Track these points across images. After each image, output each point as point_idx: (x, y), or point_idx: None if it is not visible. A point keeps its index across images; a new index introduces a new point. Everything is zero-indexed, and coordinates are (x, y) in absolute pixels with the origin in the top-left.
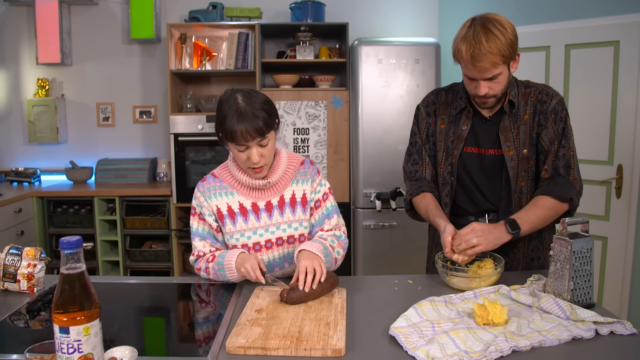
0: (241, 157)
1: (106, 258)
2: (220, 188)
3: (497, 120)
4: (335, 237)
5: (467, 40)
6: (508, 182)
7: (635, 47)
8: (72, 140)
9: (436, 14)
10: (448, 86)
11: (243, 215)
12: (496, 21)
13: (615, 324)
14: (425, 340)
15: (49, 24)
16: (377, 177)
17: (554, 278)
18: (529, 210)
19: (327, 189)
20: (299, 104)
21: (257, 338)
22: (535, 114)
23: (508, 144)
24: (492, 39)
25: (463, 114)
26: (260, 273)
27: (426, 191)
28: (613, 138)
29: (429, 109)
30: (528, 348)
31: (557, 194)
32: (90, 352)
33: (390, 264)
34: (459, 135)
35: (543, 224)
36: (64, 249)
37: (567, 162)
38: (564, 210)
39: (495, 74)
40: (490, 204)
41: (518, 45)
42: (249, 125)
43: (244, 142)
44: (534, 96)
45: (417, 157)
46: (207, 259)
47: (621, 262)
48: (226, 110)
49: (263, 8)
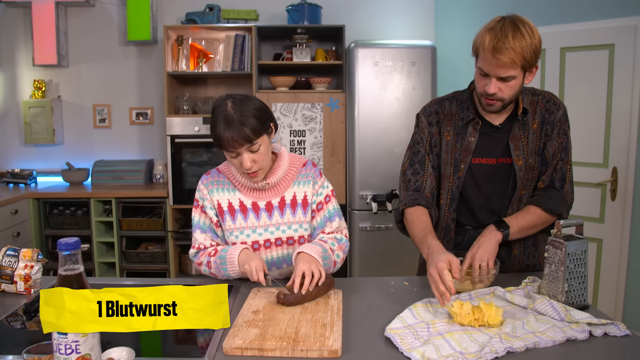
0: (234, 163)
1: (102, 259)
2: (223, 183)
3: (507, 129)
4: (336, 239)
5: (494, 31)
6: (513, 192)
7: (630, 50)
8: (69, 142)
9: (432, 16)
10: (451, 95)
11: (243, 212)
12: (527, 23)
13: (609, 325)
14: (421, 341)
15: (46, 25)
16: (373, 179)
17: (549, 280)
18: (518, 215)
19: (330, 191)
20: (295, 106)
21: (253, 339)
22: (544, 124)
23: (518, 153)
24: (518, 37)
25: (470, 125)
26: (263, 276)
27: (422, 205)
28: (608, 141)
29: (431, 119)
30: (523, 349)
31: (548, 207)
32: (87, 353)
33: (386, 265)
34: (466, 147)
35: (531, 230)
36: (62, 251)
37: (563, 175)
38: (553, 221)
39: (510, 74)
40: (491, 215)
41: (540, 56)
42: (234, 133)
43: (232, 149)
44: (542, 105)
45: (418, 167)
46: (208, 253)
47: (616, 264)
48: (216, 117)
49: (260, 10)
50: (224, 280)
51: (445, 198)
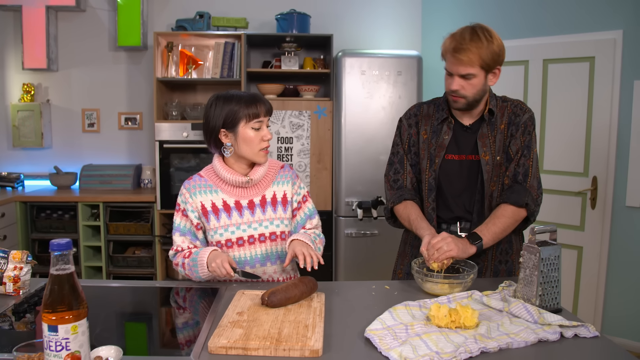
0: (255, 139)
1: (89, 263)
2: (205, 186)
3: (477, 128)
4: (316, 234)
5: (455, 35)
6: (483, 186)
7: (609, 63)
8: (57, 146)
9: (419, 26)
10: (430, 100)
11: (226, 211)
12: (486, 30)
13: (580, 327)
14: (399, 342)
15: (36, 29)
16: (359, 186)
17: (524, 284)
18: (489, 222)
19: (306, 192)
20: (283, 113)
21: (238, 339)
22: (510, 125)
23: (485, 150)
24: (475, 40)
25: (444, 124)
26: (230, 268)
27: (408, 199)
28: (588, 150)
29: (410, 121)
30: (496, 349)
31: (513, 200)
32: (77, 350)
33: (371, 271)
34: (440, 143)
35: (504, 233)
36: (54, 251)
37: (525, 170)
38: (523, 216)
39: (469, 72)
40: (465, 209)
41: (501, 61)
42: (264, 103)
43: (263, 117)
44: (509, 109)
45: (398, 166)
46: (184, 255)
47: (595, 271)
48: (235, 101)
49: (249, 18)
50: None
51: (424, 189)
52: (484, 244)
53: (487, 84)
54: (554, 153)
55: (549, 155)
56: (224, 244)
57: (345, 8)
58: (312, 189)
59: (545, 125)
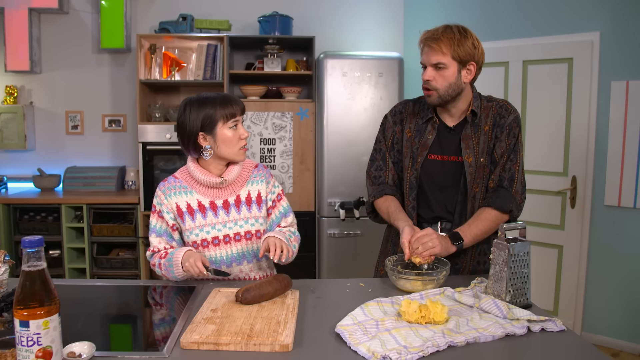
0: (234, 139)
1: (73, 265)
2: (180, 187)
3: (460, 130)
4: (291, 232)
5: (430, 30)
6: (465, 187)
7: (587, 63)
8: (40, 148)
9: (401, 28)
10: (416, 98)
11: (202, 212)
12: (461, 27)
13: (547, 321)
14: (369, 337)
15: (19, 31)
16: (341, 187)
17: (494, 280)
18: (471, 223)
19: (280, 190)
20: (265, 114)
21: (210, 334)
22: (494, 126)
23: (468, 151)
24: (447, 32)
25: (429, 124)
26: (203, 266)
27: (388, 194)
28: (568, 150)
29: (395, 118)
30: (463, 343)
31: (498, 205)
32: (49, 345)
33: (354, 271)
34: (423, 143)
35: (484, 236)
36: (26, 248)
37: (511, 175)
38: (505, 220)
39: (440, 60)
40: (446, 209)
41: (476, 57)
42: (238, 102)
43: (238, 117)
44: (494, 110)
45: (381, 163)
46: (160, 255)
47: (575, 269)
48: (210, 103)
49: (232, 20)
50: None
51: (405, 187)
52: (464, 244)
53: (462, 80)
54: (534, 153)
55: (529, 155)
56: (200, 244)
57: (328, 10)
58: (294, 190)
59: (525, 125)
